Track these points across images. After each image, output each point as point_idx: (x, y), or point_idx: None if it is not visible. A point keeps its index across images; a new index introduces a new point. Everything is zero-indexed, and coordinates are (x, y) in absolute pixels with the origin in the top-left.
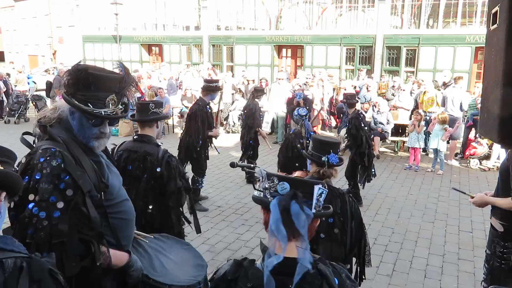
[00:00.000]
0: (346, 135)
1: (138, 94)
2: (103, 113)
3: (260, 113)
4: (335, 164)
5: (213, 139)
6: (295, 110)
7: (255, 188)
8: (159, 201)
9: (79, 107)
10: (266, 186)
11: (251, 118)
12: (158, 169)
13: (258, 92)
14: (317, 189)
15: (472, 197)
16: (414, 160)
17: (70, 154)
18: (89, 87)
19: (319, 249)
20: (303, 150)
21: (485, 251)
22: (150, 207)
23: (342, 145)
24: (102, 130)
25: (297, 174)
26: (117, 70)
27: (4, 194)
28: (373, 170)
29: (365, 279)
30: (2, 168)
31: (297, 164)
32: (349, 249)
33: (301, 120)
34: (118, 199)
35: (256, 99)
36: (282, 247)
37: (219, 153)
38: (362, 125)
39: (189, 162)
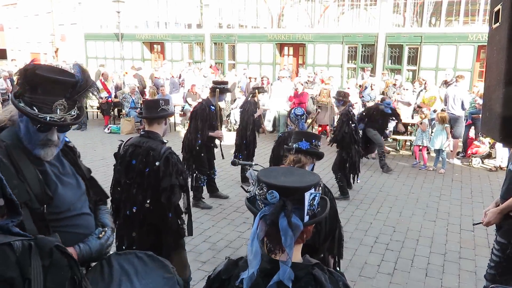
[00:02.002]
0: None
1: (105, 94)
2: (48, 118)
3: (258, 109)
4: (303, 149)
5: (219, 141)
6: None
7: (245, 190)
8: (156, 196)
9: (23, 110)
10: (257, 192)
11: (247, 115)
12: (157, 163)
13: (255, 89)
14: (308, 195)
15: (482, 222)
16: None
17: (10, 161)
18: (35, 89)
19: None
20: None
21: (495, 239)
22: (148, 201)
23: (328, 139)
24: (49, 137)
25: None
26: (74, 72)
27: None
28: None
29: (339, 271)
30: None
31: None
32: (323, 239)
33: (296, 120)
34: (72, 212)
35: (254, 97)
36: (252, 263)
37: (223, 158)
38: (350, 122)
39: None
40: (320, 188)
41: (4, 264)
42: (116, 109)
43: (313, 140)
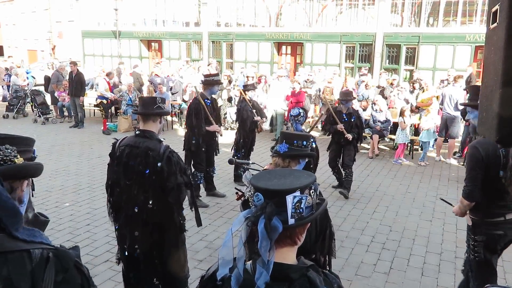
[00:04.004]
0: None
1: (110, 94)
2: None
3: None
4: (281, 152)
5: (218, 135)
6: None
7: (238, 190)
8: (159, 196)
9: None
10: (249, 194)
11: (245, 113)
12: (159, 164)
13: (246, 87)
14: (291, 198)
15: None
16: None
17: None
18: None
19: None
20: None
21: None
22: (150, 202)
23: (349, 135)
24: None
25: (266, 166)
26: None
27: (26, 182)
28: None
29: (330, 271)
30: (22, 159)
31: None
32: (314, 238)
33: (292, 121)
34: None
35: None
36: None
37: (217, 154)
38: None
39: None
40: (312, 191)
41: (19, 273)
42: (113, 107)
43: (295, 141)
